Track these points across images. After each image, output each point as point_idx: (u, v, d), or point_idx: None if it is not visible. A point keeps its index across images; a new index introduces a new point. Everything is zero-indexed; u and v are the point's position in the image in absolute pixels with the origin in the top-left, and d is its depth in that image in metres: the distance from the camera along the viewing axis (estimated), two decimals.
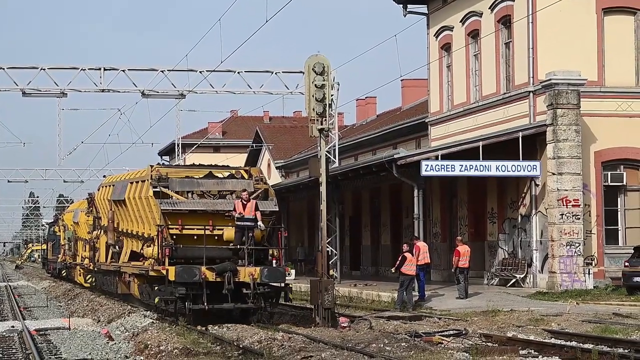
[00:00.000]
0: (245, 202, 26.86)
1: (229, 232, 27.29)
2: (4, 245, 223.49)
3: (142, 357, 19.65)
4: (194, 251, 27.11)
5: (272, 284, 26.75)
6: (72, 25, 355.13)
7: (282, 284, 27.20)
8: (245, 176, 29.43)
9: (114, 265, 34.17)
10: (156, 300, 26.95)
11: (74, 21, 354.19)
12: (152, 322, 26.12)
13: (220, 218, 27.42)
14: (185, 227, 27.44)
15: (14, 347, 22.56)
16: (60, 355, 20.71)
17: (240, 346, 20.17)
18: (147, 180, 28.49)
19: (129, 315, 28.64)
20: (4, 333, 25.57)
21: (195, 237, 27.41)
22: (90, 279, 42.36)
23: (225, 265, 26.31)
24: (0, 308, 37.77)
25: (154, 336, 22.20)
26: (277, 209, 28.48)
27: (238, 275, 26.26)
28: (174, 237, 27.41)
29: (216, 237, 27.53)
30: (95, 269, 39.48)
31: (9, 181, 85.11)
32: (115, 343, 22.52)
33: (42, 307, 37.84)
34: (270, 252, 27.69)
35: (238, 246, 26.83)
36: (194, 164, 40.16)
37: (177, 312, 26.42)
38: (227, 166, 32.35)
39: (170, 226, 27.31)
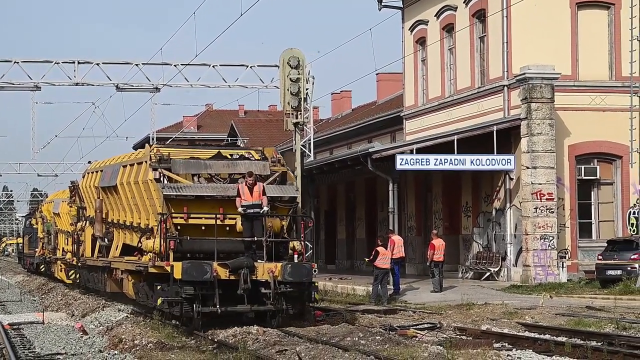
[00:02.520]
0: (250, 186, 23.26)
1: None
2: None
3: (116, 352, 19.59)
4: (202, 244, 23.39)
5: (296, 282, 22.94)
6: (46, 18, 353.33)
7: (307, 283, 23.21)
8: (257, 157, 25.61)
9: (102, 260, 30.24)
10: (158, 301, 22.90)
11: (48, 14, 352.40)
12: (127, 316, 26.02)
13: (232, 205, 23.43)
14: (192, 216, 23.53)
15: None
16: (34, 349, 20.62)
17: (215, 340, 20.14)
18: (146, 161, 24.70)
19: (103, 310, 28.55)
20: None
21: (203, 228, 23.63)
22: (73, 275, 38.46)
23: (241, 260, 22.51)
24: None
25: (129, 330, 22.15)
26: (298, 195, 24.98)
27: (256, 273, 22.53)
28: (178, 227, 23.55)
29: (227, 228, 23.70)
30: (80, 264, 35.36)
31: None
32: (89, 337, 22.45)
33: (15, 301, 37.65)
34: (291, 245, 24.07)
35: (256, 238, 23.03)
36: (199, 143, 37.28)
37: (182, 315, 22.71)
38: (237, 145, 29.13)
39: (173, 215, 23.41)
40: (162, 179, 23.87)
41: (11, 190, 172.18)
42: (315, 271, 23.17)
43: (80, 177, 38.41)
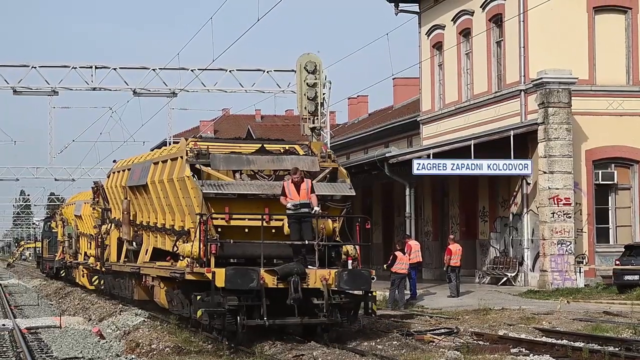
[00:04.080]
0: (297, 184, 20.87)
1: None
2: None
3: (133, 356, 19.63)
4: (245, 248, 21.10)
5: (352, 292, 20.75)
6: (63, 24, 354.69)
7: (363, 292, 20.88)
8: (301, 153, 23.23)
9: (130, 266, 27.84)
10: (199, 313, 20.25)
11: (65, 19, 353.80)
12: (144, 320, 26.03)
13: (279, 205, 21.10)
14: (234, 216, 21.24)
15: (4, 345, 22.52)
16: (52, 353, 20.67)
17: (232, 345, 20.15)
18: (182, 157, 22.29)
19: (120, 314, 28.57)
20: None
21: (246, 230, 21.28)
22: (97, 281, 36.33)
23: (291, 266, 20.05)
24: None
25: (146, 334, 22.18)
26: (353, 194, 22.28)
27: (307, 280, 20.07)
28: (219, 229, 21.21)
29: (273, 230, 21.36)
30: (104, 269, 33.04)
31: None
32: (106, 341, 22.48)
33: (33, 305, 37.76)
34: (344, 249, 21.52)
35: (307, 242, 20.59)
36: (239, 137, 31.44)
37: (225, 329, 20.21)
38: (282, 140, 26.21)
39: (214, 215, 21.04)
40: (200, 175, 21.62)
41: (28, 195, 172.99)
42: (373, 278, 20.74)
43: (96, 180, 37.58)
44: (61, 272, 52.68)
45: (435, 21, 45.37)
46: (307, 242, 20.58)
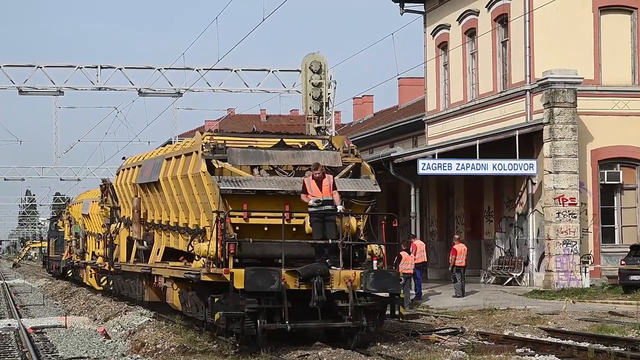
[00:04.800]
0: (318, 180, 19.87)
1: None
2: (0, 244, 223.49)
3: (138, 356, 19.64)
4: (264, 248, 20.11)
5: (379, 294, 19.71)
6: (69, 24, 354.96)
7: (390, 295, 19.85)
8: (321, 147, 22.18)
9: (141, 266, 26.81)
10: (216, 316, 19.14)
11: (70, 19, 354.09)
12: (149, 320, 26.04)
13: (300, 202, 20.08)
14: (252, 214, 20.16)
15: (10, 345, 22.55)
16: (57, 353, 20.70)
17: (237, 344, 20.15)
18: (197, 152, 21.25)
19: (125, 314, 28.58)
20: (1, 331, 25.55)
21: (265, 229, 20.23)
22: (105, 282, 35.40)
23: (314, 267, 19.10)
24: None
25: (151, 334, 22.19)
26: (378, 190, 21.11)
27: (330, 282, 19.13)
28: (236, 228, 20.07)
29: (294, 229, 20.24)
30: (113, 269, 32.02)
31: (5, 179, 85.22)
32: (111, 341, 22.50)
33: (38, 305, 37.80)
34: (369, 249, 20.60)
35: (330, 241, 19.58)
36: (256, 131, 30.09)
37: (244, 333, 19.21)
38: (301, 134, 24.90)
39: (231, 213, 19.89)
40: (217, 171, 20.48)
41: (34, 195, 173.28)
42: (401, 280, 19.72)
43: (104, 178, 36.89)
44: (68, 272, 52.04)
45: (440, 21, 45.35)
46: (330, 241, 19.59)
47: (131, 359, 19.15)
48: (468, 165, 36.23)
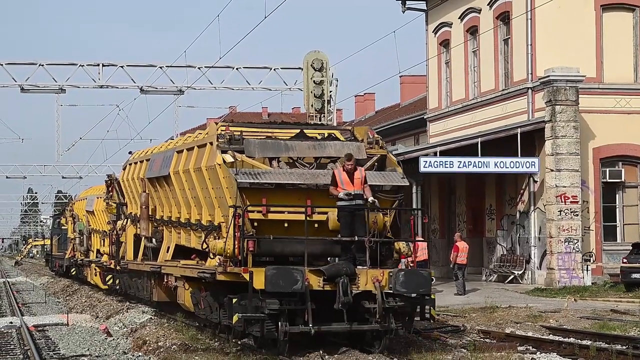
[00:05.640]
0: (350, 172, 18.51)
1: (336, 218, 18.78)
2: (2, 242, 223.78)
3: (140, 353, 19.64)
4: (284, 245, 18.72)
5: (409, 295, 18.10)
6: (70, 22, 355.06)
7: (424, 295, 18.30)
8: (342, 139, 20.88)
9: (149, 264, 25.59)
10: (234, 318, 17.86)
11: (72, 17, 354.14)
12: (150, 318, 26.05)
13: (322, 197, 18.88)
14: (272, 209, 18.84)
15: (12, 343, 22.55)
16: (59, 351, 20.70)
17: (239, 342, 20.14)
18: (212, 143, 20.00)
19: (127, 312, 28.61)
20: (2, 329, 25.56)
21: (285, 225, 18.89)
22: (111, 281, 34.34)
23: (339, 266, 17.78)
24: None
25: (152, 332, 22.20)
26: (406, 183, 20.03)
27: (357, 282, 17.75)
28: (254, 224, 18.73)
29: (316, 225, 18.83)
30: (119, 268, 30.91)
31: (7, 177, 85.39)
32: (113, 339, 22.51)
33: (40, 303, 37.82)
34: (397, 247, 19.45)
35: (356, 238, 18.21)
36: (273, 120, 27.46)
37: (264, 336, 17.83)
38: (322, 124, 23.44)
39: (249, 208, 18.52)
40: (233, 163, 19.03)
41: (36, 193, 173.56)
42: (432, 279, 18.41)
43: (110, 173, 36.09)
44: (71, 270, 51.07)
45: (442, 19, 45.33)
46: (357, 238, 18.20)
47: (133, 356, 19.15)
48: (470, 163, 36.23)
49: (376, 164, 19.99)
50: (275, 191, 18.88)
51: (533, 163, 36.70)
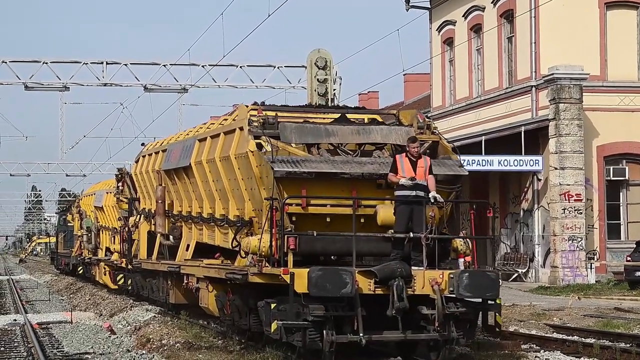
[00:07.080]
0: (414, 159, 16.24)
1: (385, 212, 16.42)
2: (7, 239, 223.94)
3: (144, 351, 19.64)
4: (326, 243, 16.31)
5: (472, 299, 15.91)
6: (74, 20, 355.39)
7: (490, 300, 16.04)
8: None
9: (167, 264, 23.47)
10: (273, 326, 15.51)
11: (76, 15, 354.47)
12: (154, 316, 26.03)
13: (370, 188, 16.75)
14: (312, 202, 16.50)
15: (16, 340, 22.57)
16: (62, 349, 20.71)
17: (242, 340, 20.15)
18: (243, 128, 17.56)
19: (131, 309, 28.60)
20: (6, 327, 25.59)
21: (328, 220, 16.67)
22: (122, 280, 32.37)
23: (392, 266, 15.46)
24: (2, 301, 37.77)
25: (156, 330, 22.20)
26: (465, 173, 17.54)
27: (413, 285, 15.57)
28: (293, 218, 16.40)
29: (362, 220, 16.55)
30: (131, 267, 28.79)
31: (11, 175, 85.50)
32: (117, 337, 22.52)
33: (44, 300, 37.84)
34: (454, 244, 17.32)
35: (411, 234, 15.97)
36: (309, 103, 25.53)
37: (306, 346, 15.40)
38: (363, 107, 20.98)
39: (287, 201, 16.04)
40: (269, 150, 16.60)
41: (40, 190, 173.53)
42: (500, 282, 16.29)
43: (120, 167, 33.95)
44: (78, 268, 49.07)
45: (446, 17, 45.32)
46: (411, 234, 15.99)
47: (137, 354, 19.14)
48: (473, 161, 36.23)
49: (428, 150, 17.56)
50: (315, 182, 16.58)
51: (537, 161, 36.70)
